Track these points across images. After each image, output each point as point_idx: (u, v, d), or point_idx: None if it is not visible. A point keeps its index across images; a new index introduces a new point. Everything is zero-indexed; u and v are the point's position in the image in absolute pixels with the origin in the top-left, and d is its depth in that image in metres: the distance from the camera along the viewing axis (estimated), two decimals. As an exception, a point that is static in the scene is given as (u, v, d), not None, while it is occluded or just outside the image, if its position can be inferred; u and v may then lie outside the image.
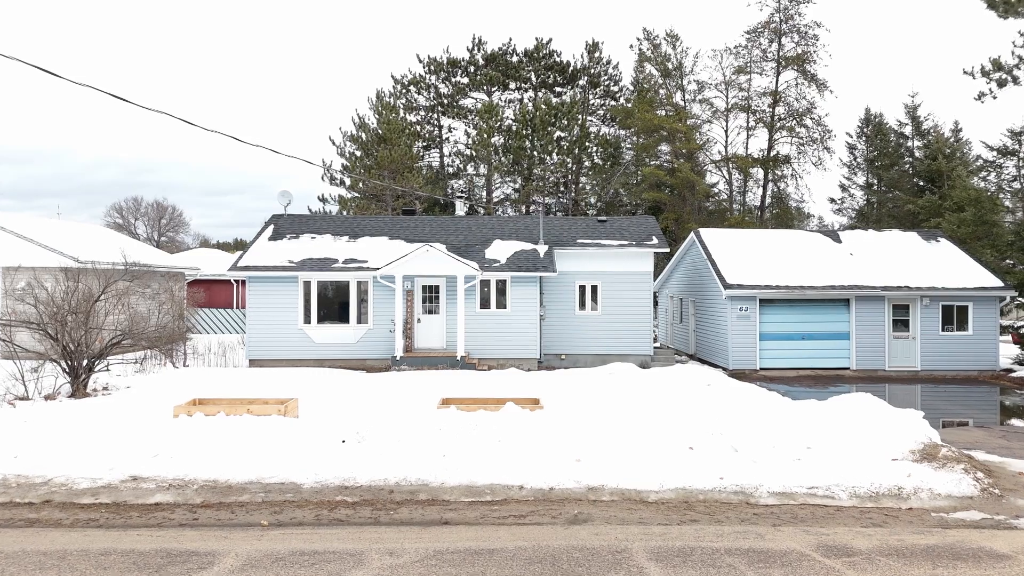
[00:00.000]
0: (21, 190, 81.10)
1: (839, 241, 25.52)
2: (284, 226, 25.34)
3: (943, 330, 22.72)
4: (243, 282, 28.51)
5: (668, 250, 24.56)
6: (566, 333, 23.75)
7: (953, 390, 20.12)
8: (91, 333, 16.46)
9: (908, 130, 39.05)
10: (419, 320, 22.87)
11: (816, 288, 22.30)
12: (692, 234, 26.32)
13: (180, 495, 8.14)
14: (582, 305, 23.89)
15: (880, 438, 9.93)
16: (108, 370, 17.32)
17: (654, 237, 24.43)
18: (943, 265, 23.77)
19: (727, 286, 22.32)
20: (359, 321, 22.73)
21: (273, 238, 24.46)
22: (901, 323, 22.91)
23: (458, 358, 21.44)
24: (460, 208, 27.91)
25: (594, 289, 23.90)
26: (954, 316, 22.75)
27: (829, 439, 10.06)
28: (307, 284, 22.69)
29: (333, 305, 22.85)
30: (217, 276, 31.75)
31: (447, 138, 51.62)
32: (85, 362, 16.57)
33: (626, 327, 23.69)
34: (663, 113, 41.81)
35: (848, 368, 22.71)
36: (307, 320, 22.65)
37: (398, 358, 21.45)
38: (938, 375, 22.38)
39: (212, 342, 25.91)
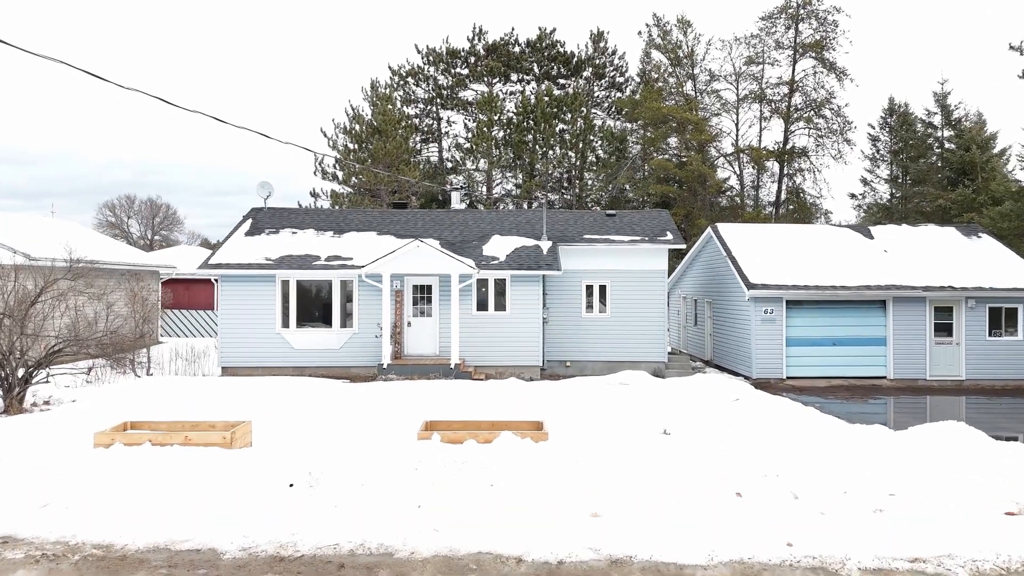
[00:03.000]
0: (28, 191, 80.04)
1: (871, 237, 23.29)
2: (263, 220, 23.17)
3: (990, 335, 20.49)
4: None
5: (684, 246, 22.37)
6: (572, 337, 21.55)
7: (1006, 403, 17.91)
8: (27, 339, 14.30)
9: (937, 119, 36.69)
10: (409, 323, 20.69)
11: (850, 288, 20.08)
12: (709, 229, 24.11)
13: (52, 571, 5.95)
14: (589, 307, 21.70)
15: (982, 482, 7.72)
16: (48, 381, 15.16)
17: (668, 232, 22.23)
18: (987, 263, 21.54)
19: (751, 286, 20.11)
20: (343, 325, 20.55)
21: (250, 233, 22.30)
22: (943, 327, 20.68)
23: (451, 366, 19.25)
24: (456, 201, 25.72)
25: (602, 289, 21.71)
26: (1002, 319, 20.53)
27: (914, 482, 7.85)
28: (285, 284, 20.51)
29: (314, 307, 20.67)
30: (197, 275, 29.53)
31: (446, 132, 49.49)
32: (21, 373, 14.43)
33: (638, 331, 21.49)
34: (673, 103, 39.55)
35: (885, 377, 20.48)
36: (285, 324, 20.47)
37: (385, 366, 19.26)
38: (985, 385, 20.16)
39: (185, 347, 23.74)
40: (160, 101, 13.22)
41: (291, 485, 7.66)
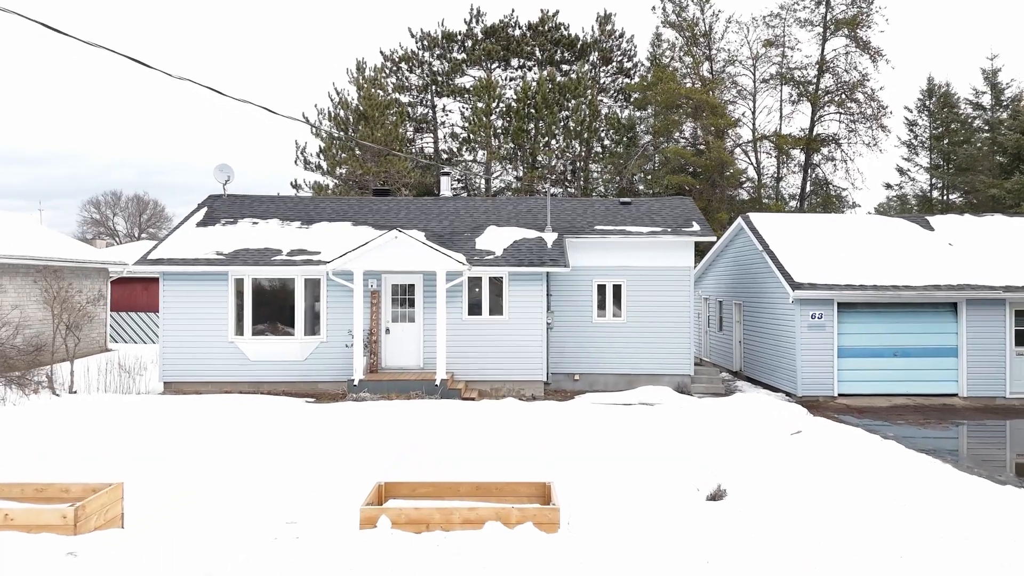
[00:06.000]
0: (35, 191, 78.80)
1: (931, 228, 19.93)
2: (220, 209, 19.86)
3: (1081, 345, 17.15)
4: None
5: (714, 238, 19.05)
6: (580, 346, 18.25)
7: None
8: None
9: (987, 99, 33.19)
10: (387, 330, 17.37)
11: (916, 289, 16.73)
12: (740, 220, 20.76)
13: None
14: (601, 310, 18.39)
15: None
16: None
17: (694, 222, 18.91)
18: (1071, 259, 18.19)
19: (796, 286, 16.77)
20: (308, 332, 17.23)
21: (203, 223, 18.99)
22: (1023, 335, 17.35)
23: (437, 382, 15.93)
24: (446, 188, 22.42)
25: (616, 289, 18.40)
26: (1095, 326, 17.18)
27: None
28: (239, 283, 17.21)
29: (274, 311, 17.35)
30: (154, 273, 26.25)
31: (442, 122, 46.13)
32: None
33: (659, 339, 18.18)
34: (689, 84, 36.16)
35: (956, 395, 17.14)
36: (239, 331, 17.16)
37: (357, 382, 15.94)
38: (1078, 405, 16.83)
39: (131, 356, 20.46)
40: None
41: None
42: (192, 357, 17.02)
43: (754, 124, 38.48)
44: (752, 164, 39.08)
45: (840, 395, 17.00)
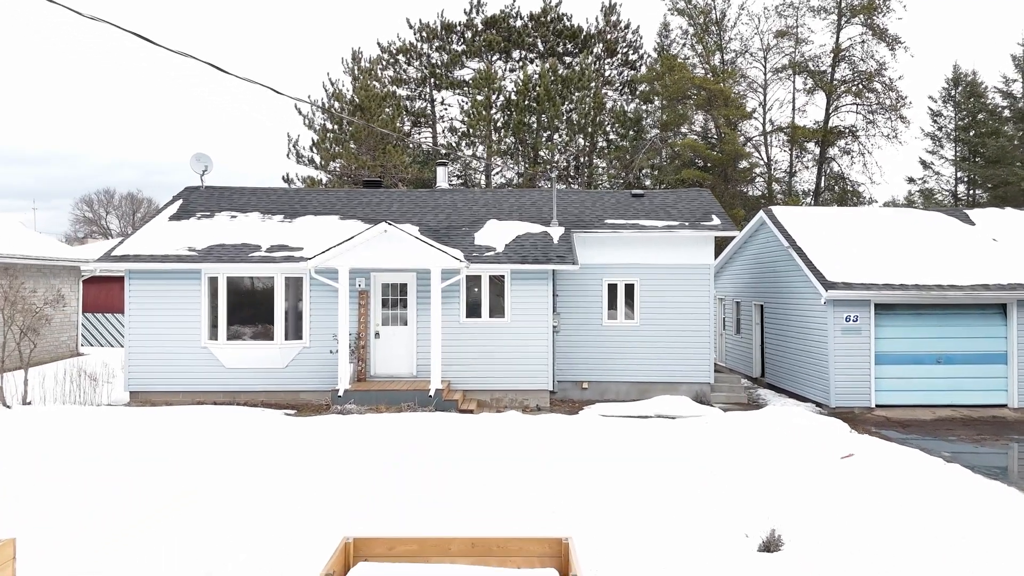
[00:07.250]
0: (35, 191, 77.63)
1: (971, 223, 18.30)
2: (196, 202, 18.25)
3: None
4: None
5: (737, 233, 17.44)
6: (589, 352, 16.66)
7: None
8: None
9: (1017, 88, 31.47)
10: (377, 334, 15.74)
11: (962, 289, 15.10)
12: (761, 213, 19.14)
13: None
14: (612, 311, 16.80)
15: None
16: None
17: (714, 216, 17.29)
18: None
19: (829, 286, 15.14)
20: (289, 336, 15.61)
21: (177, 217, 17.38)
22: (1079, 339, 15.72)
23: (431, 392, 14.29)
24: (443, 179, 20.79)
25: (629, 289, 16.80)
26: None
27: None
28: (213, 281, 15.59)
29: (252, 313, 15.72)
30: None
31: (441, 116, 44.53)
32: None
33: (676, 343, 16.58)
34: (701, 72, 34.52)
35: (1006, 405, 15.53)
36: (213, 335, 15.54)
37: (342, 393, 14.30)
38: None
39: (98, 362, 18.87)
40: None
41: None
42: (161, 364, 15.41)
43: (765, 117, 36.90)
44: (763, 159, 37.47)
45: (878, 406, 15.39)
